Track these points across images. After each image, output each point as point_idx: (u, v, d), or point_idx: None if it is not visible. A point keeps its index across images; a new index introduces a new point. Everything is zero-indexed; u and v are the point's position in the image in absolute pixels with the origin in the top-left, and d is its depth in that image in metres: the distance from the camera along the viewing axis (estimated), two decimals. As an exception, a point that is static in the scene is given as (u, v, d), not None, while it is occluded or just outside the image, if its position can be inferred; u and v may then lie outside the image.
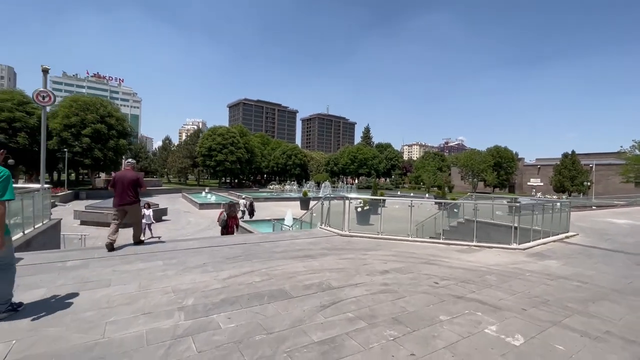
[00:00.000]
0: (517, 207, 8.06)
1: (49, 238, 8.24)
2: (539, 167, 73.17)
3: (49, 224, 8.54)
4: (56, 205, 27.14)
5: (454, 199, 29.24)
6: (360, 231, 8.44)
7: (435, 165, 78.23)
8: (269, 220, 19.35)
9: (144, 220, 13.77)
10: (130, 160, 6.74)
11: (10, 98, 30.96)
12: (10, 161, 28.42)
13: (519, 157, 76.75)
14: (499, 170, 66.11)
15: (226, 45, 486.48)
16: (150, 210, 15.29)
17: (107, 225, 18.71)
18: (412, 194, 53.90)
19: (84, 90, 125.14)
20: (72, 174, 55.56)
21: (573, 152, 56.61)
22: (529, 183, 74.64)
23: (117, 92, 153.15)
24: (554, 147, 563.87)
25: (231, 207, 9.21)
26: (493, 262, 6.13)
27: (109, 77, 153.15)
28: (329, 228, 8.74)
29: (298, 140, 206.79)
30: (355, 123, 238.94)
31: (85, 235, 12.48)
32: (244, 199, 23.23)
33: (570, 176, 53.62)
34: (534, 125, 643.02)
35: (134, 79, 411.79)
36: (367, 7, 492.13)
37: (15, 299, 3.32)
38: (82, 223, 18.77)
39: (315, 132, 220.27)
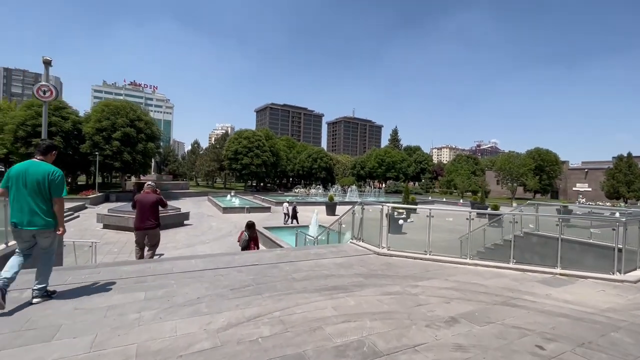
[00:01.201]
0: (627, 218, 5.91)
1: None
2: (587, 171, 66.92)
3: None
4: (86, 208, 27.59)
5: (495, 207, 26.56)
6: (400, 249, 6.81)
7: (469, 168, 73.91)
8: (292, 228, 18.07)
9: None
10: (150, 182, 6.74)
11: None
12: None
13: (562, 160, 70.68)
14: (541, 174, 61.00)
15: (254, 51, 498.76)
16: None
17: (128, 229, 18.27)
18: (444, 199, 50.80)
19: (121, 98, 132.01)
20: (109, 177, 57.88)
21: (629, 154, 50.92)
22: (574, 188, 68.43)
23: (151, 99, 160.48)
24: (602, 150, 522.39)
25: (251, 229, 8.25)
26: (603, 303, 4.29)
27: (144, 84, 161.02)
28: (362, 244, 7.18)
29: (323, 144, 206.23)
30: (382, 126, 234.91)
31: (96, 242, 11.71)
32: (288, 202, 22.57)
33: (627, 181, 48.12)
34: (577, 126, 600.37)
35: (167, 86, 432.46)
36: (394, 8, 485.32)
37: None
38: (105, 227, 18.45)
39: (341, 136, 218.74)
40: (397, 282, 4.79)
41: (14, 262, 3.60)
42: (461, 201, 46.62)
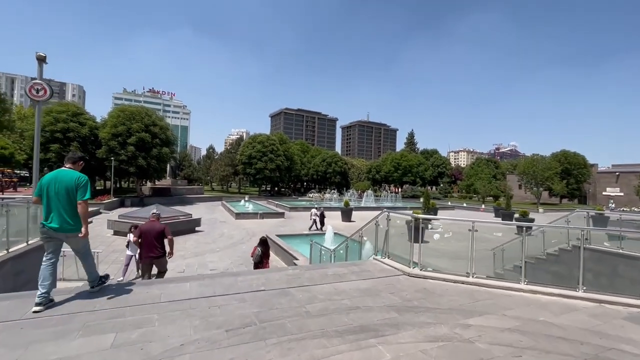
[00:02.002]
0: None
1: (31, 264, 6.59)
2: (618, 175, 62.99)
3: (39, 243, 6.93)
4: (100, 213, 27.53)
5: (524, 213, 24.68)
6: (435, 269, 5.70)
7: (489, 172, 71.15)
8: (306, 235, 17.09)
9: (127, 252, 10.58)
10: (154, 211, 7.04)
11: (66, 110, 32.68)
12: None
13: (591, 163, 66.95)
14: (568, 178, 57.80)
15: (269, 56, 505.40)
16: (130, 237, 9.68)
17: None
18: (464, 204, 48.68)
19: (140, 104, 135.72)
20: (127, 182, 58.76)
21: (667, 156, 47.38)
22: (604, 193, 64.57)
23: (169, 105, 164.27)
24: (633, 153, 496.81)
25: (265, 245, 8.12)
26: None
27: (162, 91, 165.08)
28: (388, 262, 6.09)
29: (338, 148, 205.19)
30: (397, 129, 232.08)
31: (98, 252, 11.06)
32: (316, 208, 22.10)
33: (665, 185, 44.68)
34: (603, 128, 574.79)
35: (185, 92, 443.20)
36: (409, 10, 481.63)
37: None
38: (115, 233, 18.01)
39: (355, 140, 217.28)
40: (441, 320, 3.70)
41: (45, 273, 3.89)
42: (483, 206, 44.48)
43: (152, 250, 6.09)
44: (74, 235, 3.96)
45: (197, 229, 20.20)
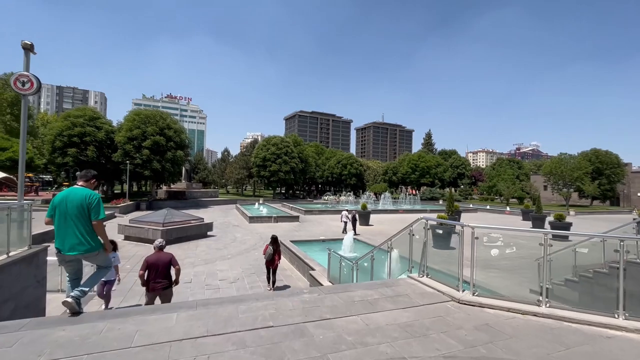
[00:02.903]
0: None
1: (11, 279, 5.75)
2: (655, 174, 58.84)
3: (21, 255, 6.09)
4: (115, 217, 27.36)
5: (560, 217, 22.54)
6: (489, 290, 4.46)
7: (512, 173, 68.01)
8: (322, 241, 15.98)
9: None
10: (159, 241, 6.56)
11: (83, 114, 32.92)
12: (79, 173, 29.66)
13: (624, 162, 62.77)
14: (600, 178, 54.24)
15: (284, 59, 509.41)
16: (117, 253, 7.93)
17: (148, 241, 17.12)
18: (488, 206, 46.31)
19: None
20: (145, 185, 59.42)
21: None
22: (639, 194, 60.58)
23: (185, 110, 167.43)
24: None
25: (275, 242, 9.58)
26: None
27: (180, 96, 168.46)
28: (428, 281, 4.89)
29: (352, 150, 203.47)
30: (413, 130, 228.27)
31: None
32: (347, 210, 21.45)
33: None
34: (636, 124, 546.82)
35: (201, 97, 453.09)
36: (425, 9, 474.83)
37: None
38: (126, 238, 17.44)
39: (370, 141, 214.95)
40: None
41: (68, 290, 3.81)
42: (508, 209, 42.07)
43: (158, 283, 5.94)
44: (88, 256, 3.85)
45: (208, 233, 19.43)
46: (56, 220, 3.78)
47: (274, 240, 9.66)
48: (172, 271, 6.21)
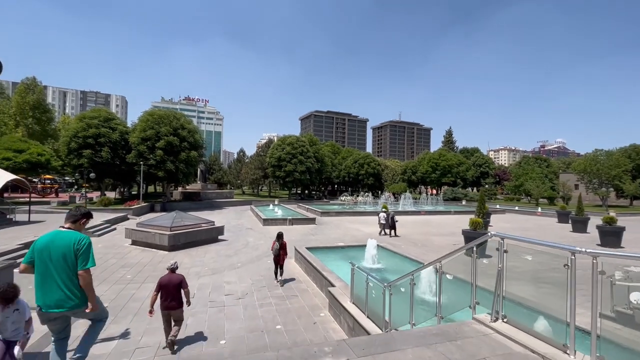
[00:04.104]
0: None
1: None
2: None
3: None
4: (128, 219, 26.78)
5: (610, 220, 19.82)
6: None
7: (541, 171, 64.07)
8: (342, 248, 14.42)
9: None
10: (171, 263, 6.60)
11: (98, 115, 32.70)
12: (92, 175, 29.33)
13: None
14: (641, 176, 49.92)
15: (300, 60, 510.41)
16: (24, 301, 4.09)
17: (155, 247, 16.09)
18: (517, 207, 43.34)
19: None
20: (162, 186, 59.66)
21: None
22: (686, 193, 55.40)
23: (203, 112, 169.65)
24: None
25: (281, 238, 10.52)
26: None
27: (197, 98, 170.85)
28: (511, 332, 3.28)
29: (369, 149, 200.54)
30: (431, 129, 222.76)
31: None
32: (384, 212, 20.66)
33: None
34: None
35: (218, 98, 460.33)
36: (443, 5, 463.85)
37: None
38: (133, 243, 16.48)
39: (387, 140, 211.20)
40: None
41: (53, 357, 3.35)
42: (539, 210, 39.07)
43: (171, 302, 6.23)
44: (80, 311, 3.35)
45: (219, 237, 18.27)
46: (37, 271, 3.22)
47: (279, 236, 10.67)
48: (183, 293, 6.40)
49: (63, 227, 3.42)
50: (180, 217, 17.13)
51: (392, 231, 20.15)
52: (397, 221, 20.50)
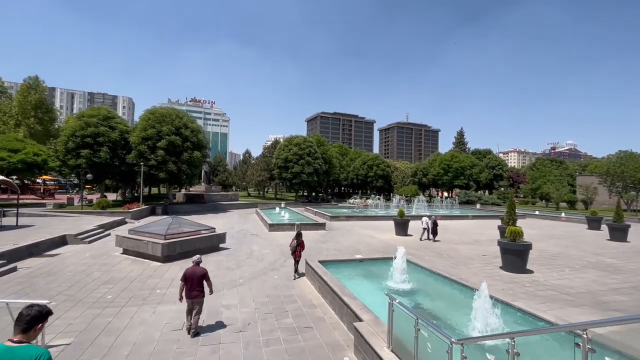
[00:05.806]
0: None
1: None
2: None
3: None
4: (126, 223, 25.09)
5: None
6: None
7: (558, 174, 61.32)
8: (360, 261, 12.42)
9: None
10: (196, 257, 7.41)
11: (97, 114, 31.28)
12: (89, 176, 27.79)
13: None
14: (670, 179, 46.91)
15: (306, 61, 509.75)
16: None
17: (148, 257, 14.21)
18: (537, 212, 40.84)
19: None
20: (164, 188, 58.27)
21: None
22: None
23: (209, 114, 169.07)
24: None
25: (299, 237, 11.50)
26: None
27: (203, 100, 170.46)
28: None
29: (375, 151, 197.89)
30: (439, 130, 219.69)
31: (47, 303, 7.33)
32: (427, 216, 20.54)
33: None
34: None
35: (224, 100, 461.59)
36: (451, 7, 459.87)
37: None
38: (124, 252, 14.72)
39: (394, 142, 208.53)
40: None
41: None
42: (563, 215, 36.57)
43: (194, 292, 6.90)
44: None
45: (221, 245, 16.44)
46: None
47: (298, 235, 11.81)
48: (206, 284, 7.13)
49: (12, 340, 2.45)
50: (177, 222, 15.34)
51: (434, 236, 19.74)
52: (437, 225, 20.09)
